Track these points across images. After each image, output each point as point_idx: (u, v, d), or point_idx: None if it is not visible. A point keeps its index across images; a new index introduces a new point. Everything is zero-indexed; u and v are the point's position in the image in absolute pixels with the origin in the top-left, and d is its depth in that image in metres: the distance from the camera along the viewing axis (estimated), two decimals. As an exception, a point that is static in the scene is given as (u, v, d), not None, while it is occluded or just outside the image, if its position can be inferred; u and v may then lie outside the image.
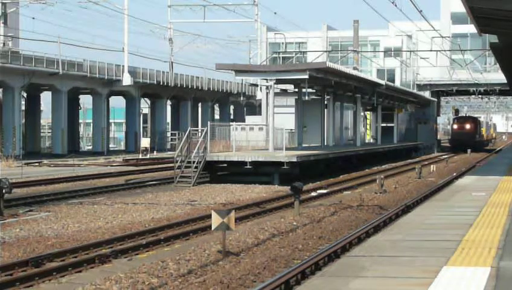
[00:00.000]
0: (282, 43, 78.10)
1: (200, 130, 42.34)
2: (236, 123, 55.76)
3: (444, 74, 78.30)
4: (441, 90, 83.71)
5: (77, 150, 68.52)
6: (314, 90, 50.48)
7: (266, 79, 41.24)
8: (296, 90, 46.28)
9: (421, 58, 70.15)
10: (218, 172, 36.14)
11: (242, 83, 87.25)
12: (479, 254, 11.86)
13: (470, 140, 78.88)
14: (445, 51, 68.13)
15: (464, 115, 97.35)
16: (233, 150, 39.84)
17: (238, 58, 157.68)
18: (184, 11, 71.15)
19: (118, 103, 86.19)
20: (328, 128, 50.92)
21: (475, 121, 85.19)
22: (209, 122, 41.31)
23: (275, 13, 77.22)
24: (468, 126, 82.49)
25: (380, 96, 58.60)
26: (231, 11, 65.41)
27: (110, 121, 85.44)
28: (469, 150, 69.54)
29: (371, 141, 68.81)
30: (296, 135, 48.06)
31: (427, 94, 79.19)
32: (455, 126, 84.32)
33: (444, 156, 65.75)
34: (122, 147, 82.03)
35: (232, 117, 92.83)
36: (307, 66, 42.08)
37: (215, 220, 15.55)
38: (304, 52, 78.04)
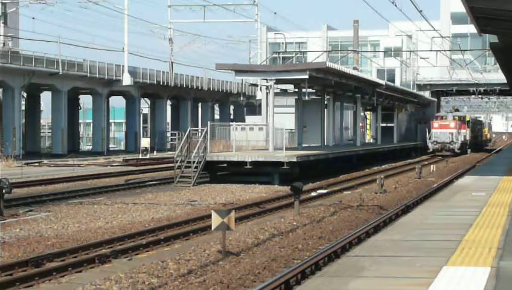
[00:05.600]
0: (282, 43, 78.09)
1: (200, 130, 42.34)
2: (236, 123, 55.82)
3: (444, 74, 78.28)
4: (441, 90, 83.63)
5: (77, 150, 68.55)
6: (314, 90, 50.46)
7: (266, 79, 41.25)
8: (296, 90, 46.26)
9: (421, 58, 70.09)
10: (218, 172, 36.14)
11: (242, 83, 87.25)
12: (479, 254, 11.86)
13: (453, 143, 67.03)
14: (445, 51, 68.09)
15: (450, 111, 77.82)
16: (233, 150, 39.83)
17: (238, 58, 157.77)
18: (184, 11, 71.25)
19: (118, 103, 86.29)
20: (328, 128, 50.93)
21: (462, 120, 70.93)
22: (209, 122, 41.31)
23: (275, 13, 77.34)
24: (452, 125, 68.18)
25: (380, 96, 58.59)
26: (231, 11, 65.48)
27: (110, 121, 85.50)
28: (469, 150, 68.83)
29: (371, 141, 68.80)
30: (296, 135, 48.05)
31: (427, 94, 79.17)
32: (436, 125, 68.63)
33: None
34: (122, 147, 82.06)
35: (232, 117, 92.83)
36: (307, 66, 42.08)
37: (215, 220, 15.55)
38: (304, 52, 78.04)
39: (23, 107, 65.71)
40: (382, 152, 56.13)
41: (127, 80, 65.91)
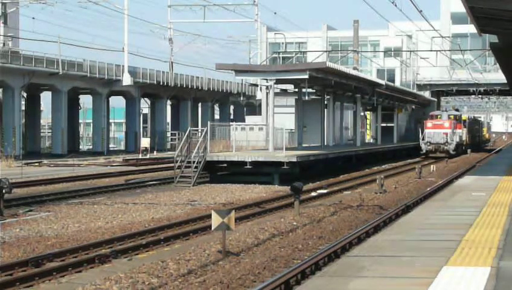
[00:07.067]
0: (282, 43, 78.12)
1: (200, 130, 42.34)
2: (236, 123, 55.81)
3: (444, 74, 78.32)
4: (441, 90, 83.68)
5: (77, 150, 68.55)
6: (314, 90, 50.49)
7: (266, 79, 41.25)
8: (296, 90, 46.26)
9: (421, 58, 70.10)
10: (218, 172, 36.15)
11: (242, 83, 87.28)
12: (479, 254, 11.86)
13: (447, 143, 62.58)
14: (445, 51, 68.11)
15: (445, 110, 71.92)
16: (233, 150, 39.84)
17: (238, 58, 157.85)
18: (184, 11, 71.09)
19: (118, 103, 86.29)
20: (328, 128, 50.93)
21: (457, 119, 66.52)
22: (209, 122, 41.31)
23: (275, 13, 77.19)
24: (446, 125, 63.61)
25: (380, 96, 58.61)
26: (231, 11, 65.42)
27: (110, 121, 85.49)
28: (469, 150, 68.34)
29: (371, 141, 68.82)
30: (296, 135, 48.05)
31: (427, 94, 79.20)
32: (429, 124, 64.17)
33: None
34: (122, 147, 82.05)
35: (232, 117, 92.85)
36: (307, 66, 42.08)
37: (215, 220, 15.55)
38: (304, 52, 78.07)
39: (23, 107, 65.72)
40: (382, 152, 56.13)
41: (127, 80, 65.92)
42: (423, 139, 63.36)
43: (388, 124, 68.83)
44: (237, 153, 37.73)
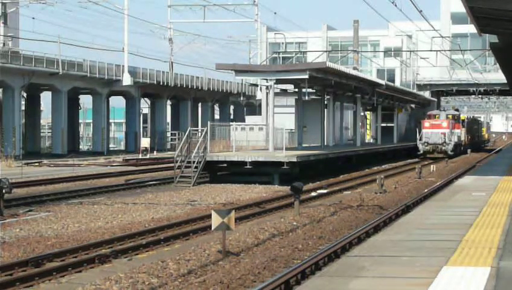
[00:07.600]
0: (282, 43, 78.13)
1: (200, 130, 42.34)
2: (236, 123, 55.79)
3: (444, 74, 78.31)
4: (441, 90, 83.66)
5: (77, 150, 68.57)
6: (314, 90, 50.49)
7: (266, 79, 41.26)
8: (296, 90, 46.26)
9: (421, 58, 70.09)
10: (218, 172, 36.15)
11: (242, 83, 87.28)
12: (479, 254, 11.86)
13: (445, 144, 60.76)
14: (445, 51, 68.12)
15: (443, 109, 70.22)
16: (233, 150, 39.85)
17: (238, 58, 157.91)
18: (184, 11, 71.18)
19: (118, 103, 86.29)
20: (328, 128, 50.94)
21: (456, 119, 64.64)
22: (209, 122, 41.31)
23: (275, 13, 77.35)
24: (444, 125, 61.85)
25: (380, 96, 58.60)
26: (231, 11, 65.47)
27: (110, 121, 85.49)
28: (469, 150, 68.10)
29: (371, 141, 68.81)
30: (296, 135, 48.05)
31: (427, 94, 79.17)
32: (426, 124, 62.30)
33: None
34: (122, 147, 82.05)
35: (232, 117, 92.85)
36: (307, 66, 42.08)
37: (215, 220, 15.55)
38: (304, 52, 78.08)
39: (23, 107, 65.73)
40: (382, 152, 56.12)
41: (127, 80, 65.94)
42: (420, 139, 61.63)
43: (388, 124, 68.76)
44: (237, 153, 37.73)
